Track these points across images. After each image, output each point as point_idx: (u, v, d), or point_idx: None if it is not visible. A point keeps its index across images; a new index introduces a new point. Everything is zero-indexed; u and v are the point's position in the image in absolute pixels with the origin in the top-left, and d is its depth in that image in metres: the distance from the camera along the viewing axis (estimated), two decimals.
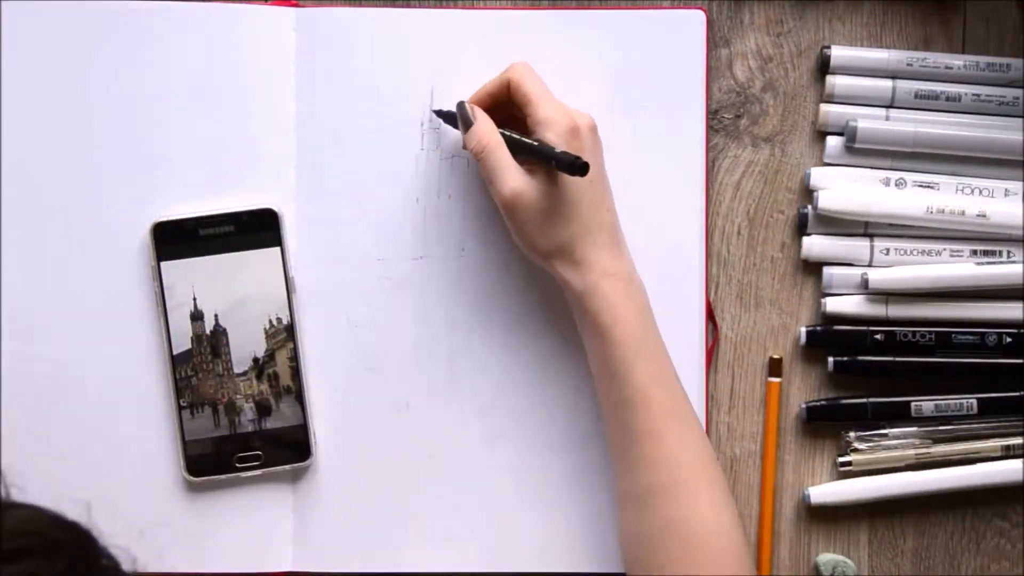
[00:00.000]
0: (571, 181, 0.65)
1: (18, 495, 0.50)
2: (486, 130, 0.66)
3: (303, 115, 0.71)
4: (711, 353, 0.73)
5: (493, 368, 0.72)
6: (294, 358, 0.71)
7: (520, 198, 0.65)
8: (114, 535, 0.49)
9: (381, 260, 0.72)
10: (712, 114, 0.73)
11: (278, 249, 0.71)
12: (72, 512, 0.49)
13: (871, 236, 0.73)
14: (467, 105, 0.68)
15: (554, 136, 0.65)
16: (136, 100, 0.71)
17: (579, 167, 0.62)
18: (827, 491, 0.73)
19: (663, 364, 0.66)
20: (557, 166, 0.63)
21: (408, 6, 0.72)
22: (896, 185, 0.72)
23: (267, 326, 0.71)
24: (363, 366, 0.72)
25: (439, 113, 0.71)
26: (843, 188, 0.72)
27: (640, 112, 0.72)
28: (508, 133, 0.67)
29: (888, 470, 0.72)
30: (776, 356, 0.73)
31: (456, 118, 0.69)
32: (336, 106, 0.71)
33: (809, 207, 0.73)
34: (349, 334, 0.72)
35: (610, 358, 0.65)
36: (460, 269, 0.72)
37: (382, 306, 0.72)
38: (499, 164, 0.65)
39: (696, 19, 0.72)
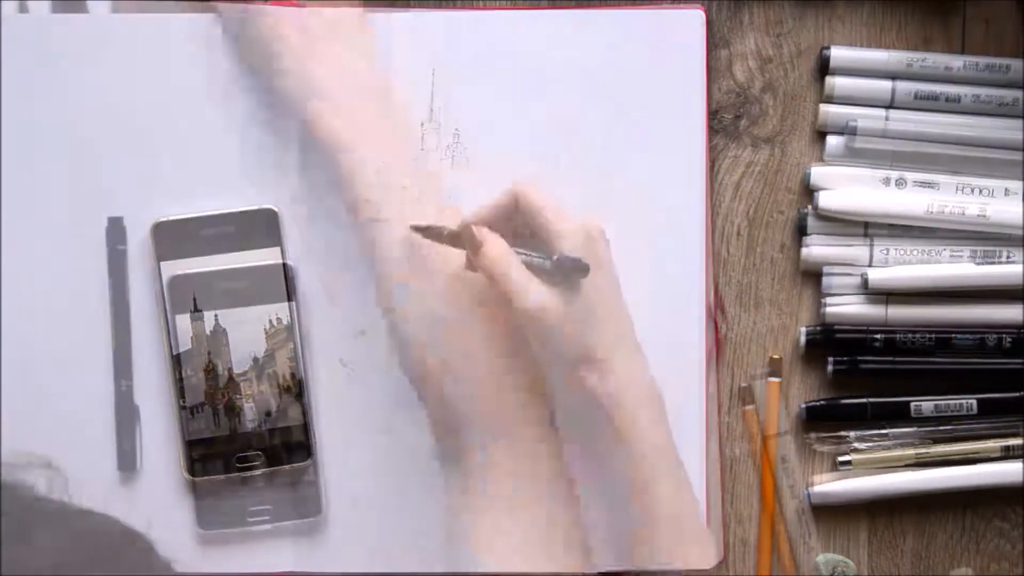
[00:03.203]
0: (590, 288, 0.65)
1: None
2: (500, 250, 0.66)
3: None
4: (718, 351, 0.73)
5: None
6: (294, 358, 0.71)
7: (547, 311, 0.65)
8: None
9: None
10: (712, 114, 0.73)
11: (278, 249, 0.71)
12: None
13: (871, 237, 0.73)
14: (473, 228, 0.67)
15: (571, 246, 0.66)
16: (136, 99, 0.71)
17: (582, 267, 0.64)
18: (827, 491, 0.73)
19: (680, 474, 0.69)
20: (560, 265, 0.65)
21: (408, 6, 0.72)
22: (896, 185, 0.72)
23: (267, 326, 0.71)
24: (363, 366, 0.72)
25: (417, 228, 0.68)
26: (843, 188, 0.72)
27: (640, 112, 0.72)
28: (519, 251, 0.67)
29: (888, 470, 0.73)
30: (776, 356, 0.73)
31: (438, 233, 0.67)
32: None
33: (809, 208, 0.73)
34: (349, 334, 0.72)
35: (632, 467, 0.68)
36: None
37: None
38: (520, 279, 0.66)
39: (696, 19, 0.72)
